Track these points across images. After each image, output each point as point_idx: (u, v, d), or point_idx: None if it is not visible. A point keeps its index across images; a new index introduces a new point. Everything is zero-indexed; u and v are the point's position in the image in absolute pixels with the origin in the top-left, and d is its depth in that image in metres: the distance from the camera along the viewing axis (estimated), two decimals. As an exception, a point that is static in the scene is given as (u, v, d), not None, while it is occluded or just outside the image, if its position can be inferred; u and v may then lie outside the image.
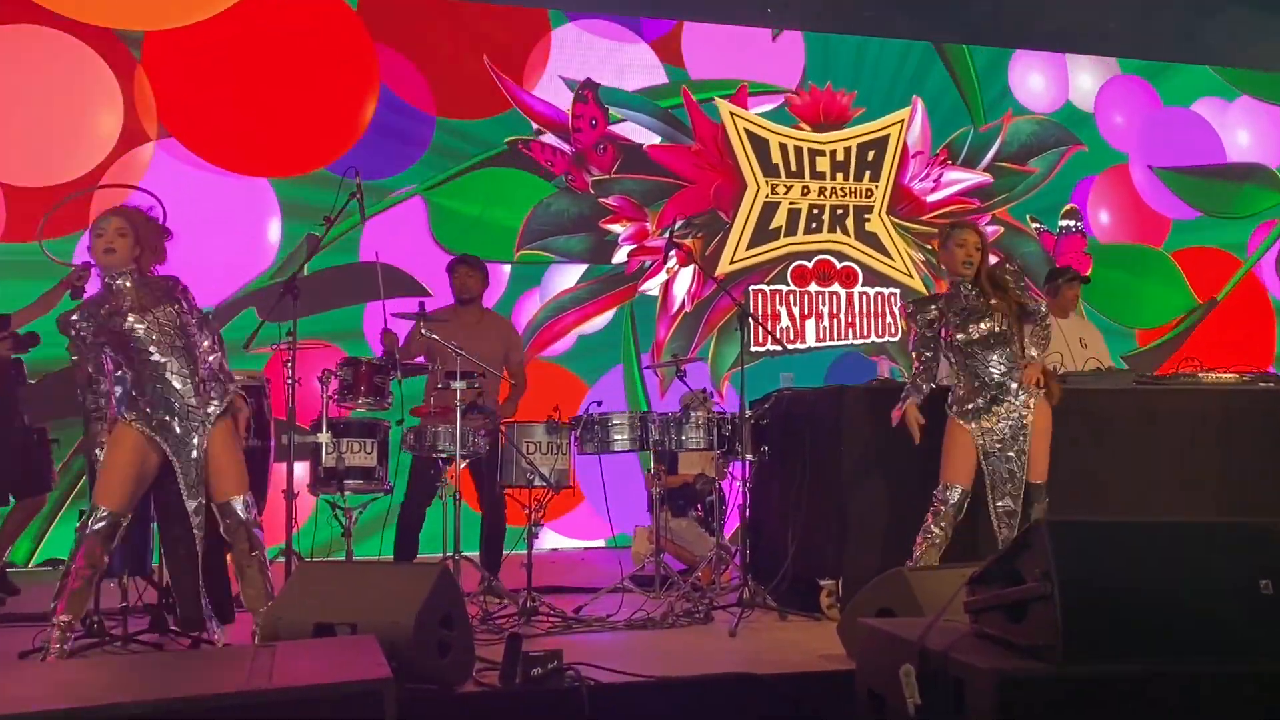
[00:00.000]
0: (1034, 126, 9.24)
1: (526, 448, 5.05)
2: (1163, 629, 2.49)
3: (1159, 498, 5.01)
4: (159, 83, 7.26)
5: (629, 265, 8.22)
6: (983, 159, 9.12)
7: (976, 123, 9.15)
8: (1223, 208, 9.60)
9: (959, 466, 4.39)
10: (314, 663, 2.80)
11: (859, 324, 8.67)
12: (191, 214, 6.07)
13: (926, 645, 2.62)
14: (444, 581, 3.53)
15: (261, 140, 7.43)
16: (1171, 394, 5.28)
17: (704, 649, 4.18)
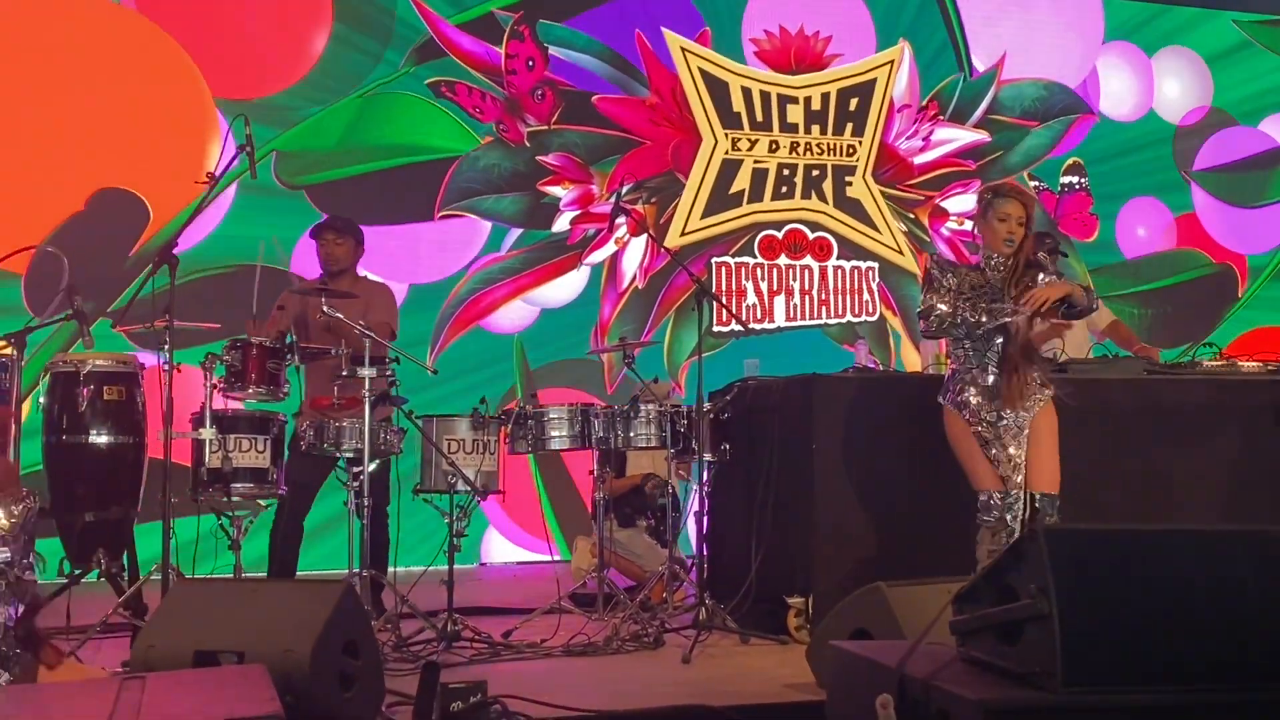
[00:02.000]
0: (1040, 90, 9.31)
1: (448, 446, 5.00)
2: (1177, 652, 2.50)
3: (1171, 501, 5.08)
4: None
5: (572, 234, 8.17)
6: (974, 113, 9.15)
7: (968, 70, 9.18)
8: (1254, 197, 9.75)
9: (980, 468, 4.38)
10: (192, 697, 2.75)
11: (833, 301, 8.67)
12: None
13: (907, 672, 2.62)
14: (348, 602, 3.47)
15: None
16: (1186, 384, 5.35)
17: (653, 678, 4.17)
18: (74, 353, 5.12)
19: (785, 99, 8.76)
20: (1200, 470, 5.22)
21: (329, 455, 4.92)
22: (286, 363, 4.79)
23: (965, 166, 9.07)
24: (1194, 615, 2.51)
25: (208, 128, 7.34)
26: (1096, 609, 2.49)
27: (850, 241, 8.78)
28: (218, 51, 7.47)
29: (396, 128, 7.85)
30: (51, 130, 7.15)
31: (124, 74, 7.29)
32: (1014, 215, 4.43)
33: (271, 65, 7.61)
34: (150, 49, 7.34)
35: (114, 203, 7.24)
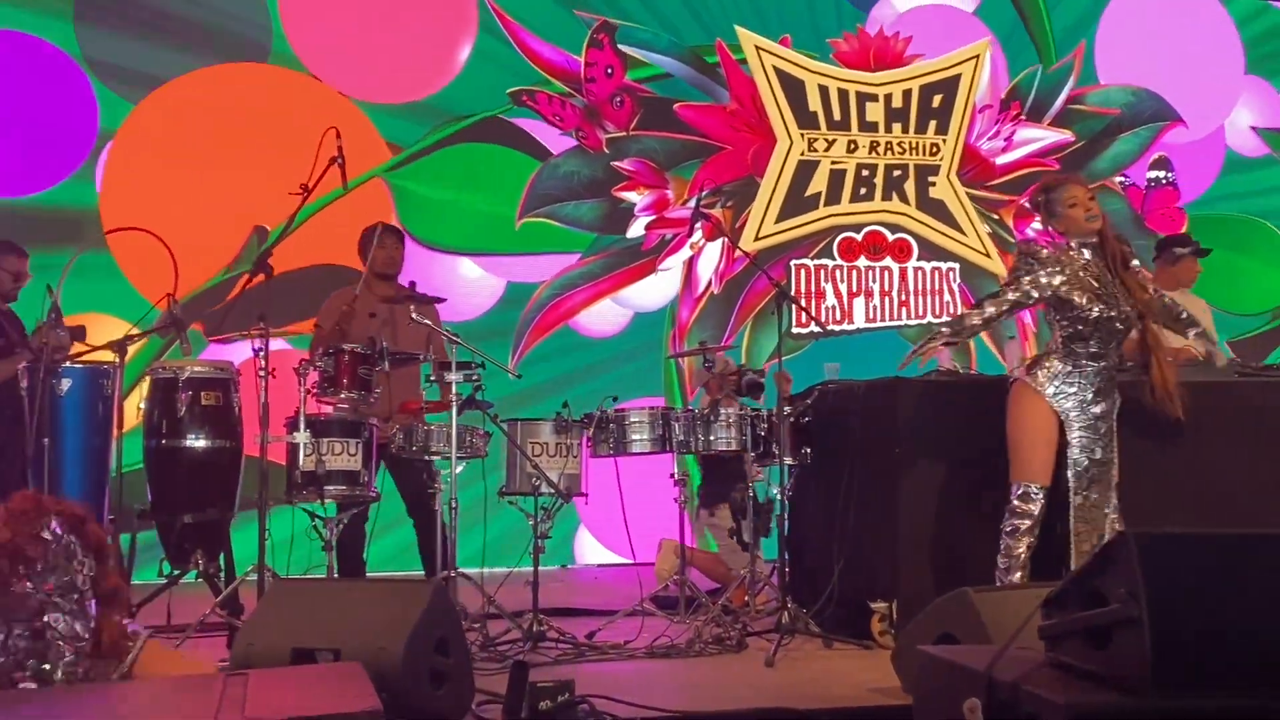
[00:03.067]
0: (1128, 96, 9.17)
1: (532, 449, 5.07)
2: (1268, 657, 2.48)
3: (1264, 506, 4.99)
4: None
5: (647, 239, 8.22)
6: (1053, 104, 8.99)
7: (1046, 62, 9.05)
8: None
9: (1036, 459, 4.33)
10: (292, 694, 2.82)
11: (914, 303, 8.62)
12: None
13: (995, 676, 2.62)
14: (439, 602, 3.55)
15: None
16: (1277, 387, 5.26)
17: (736, 680, 4.20)
18: (172, 359, 5.28)
19: (864, 97, 8.67)
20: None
21: (417, 458, 5.03)
22: (377, 368, 4.89)
23: (1049, 166, 8.93)
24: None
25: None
26: (1187, 613, 2.47)
27: (931, 244, 8.70)
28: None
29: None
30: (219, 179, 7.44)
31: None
32: (1081, 196, 4.37)
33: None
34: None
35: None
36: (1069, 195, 4.37)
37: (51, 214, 7.22)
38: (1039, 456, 4.33)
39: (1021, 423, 4.37)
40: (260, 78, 7.63)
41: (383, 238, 5.61)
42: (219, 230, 7.45)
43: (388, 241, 5.62)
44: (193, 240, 7.20)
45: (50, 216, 7.20)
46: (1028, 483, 4.33)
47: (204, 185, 7.44)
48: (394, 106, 7.80)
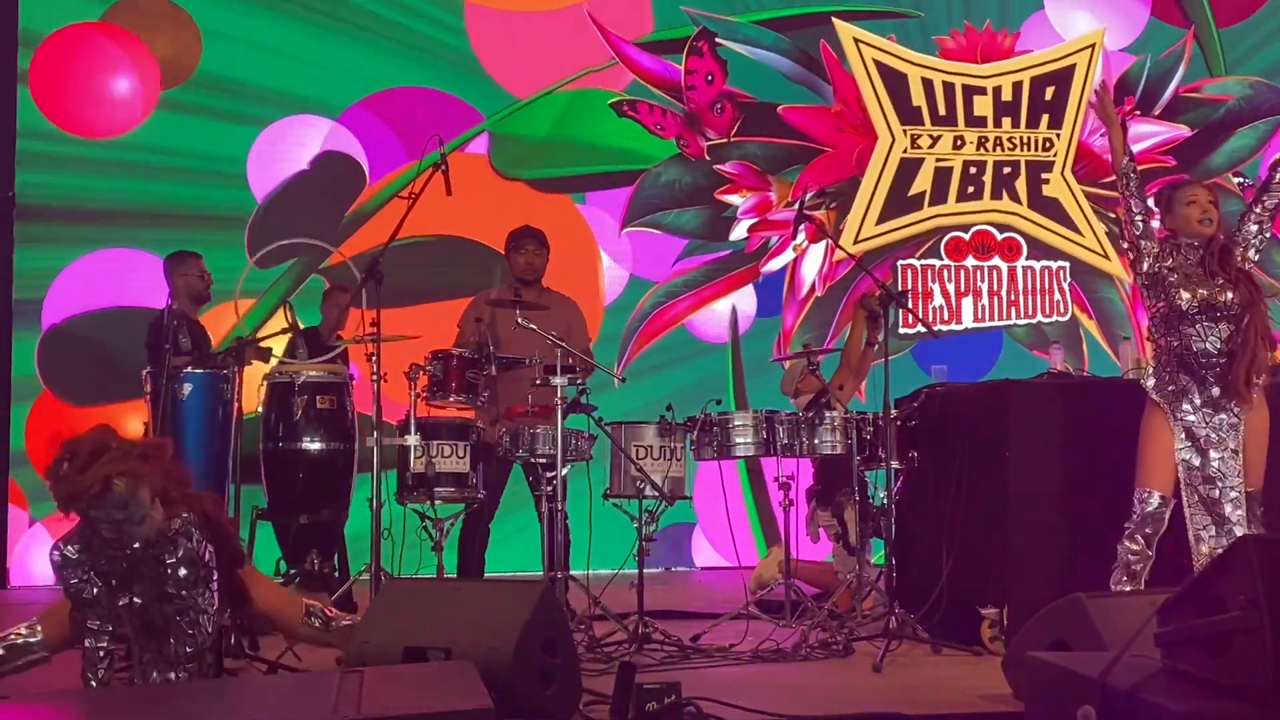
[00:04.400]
0: (1245, 89, 8.89)
1: (636, 452, 5.11)
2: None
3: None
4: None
5: (749, 242, 8.22)
6: (1164, 92, 8.76)
7: (1155, 49, 8.82)
8: None
9: (1155, 467, 4.29)
10: (405, 691, 2.90)
11: (1022, 302, 8.47)
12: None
13: (1110, 683, 2.59)
14: (547, 602, 3.61)
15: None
16: None
17: (843, 685, 4.18)
18: (289, 363, 5.44)
19: (971, 90, 8.45)
20: None
21: (524, 461, 5.10)
22: (484, 373, 4.98)
23: (1165, 163, 8.66)
24: None
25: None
26: (1311, 622, 2.42)
27: (1043, 244, 8.52)
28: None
29: (599, 127, 8.06)
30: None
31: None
32: (1202, 197, 4.35)
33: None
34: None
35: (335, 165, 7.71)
36: (1189, 194, 4.38)
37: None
38: (1145, 462, 4.31)
39: (1144, 430, 4.36)
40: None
41: (522, 242, 5.69)
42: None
43: (528, 246, 5.69)
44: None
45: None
46: (1142, 487, 4.30)
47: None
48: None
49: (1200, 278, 4.30)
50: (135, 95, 7.44)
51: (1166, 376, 4.33)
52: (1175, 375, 4.31)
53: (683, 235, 8.15)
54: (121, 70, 7.45)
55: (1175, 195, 4.41)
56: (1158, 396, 4.32)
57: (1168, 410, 4.30)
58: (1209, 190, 4.40)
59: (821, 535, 6.14)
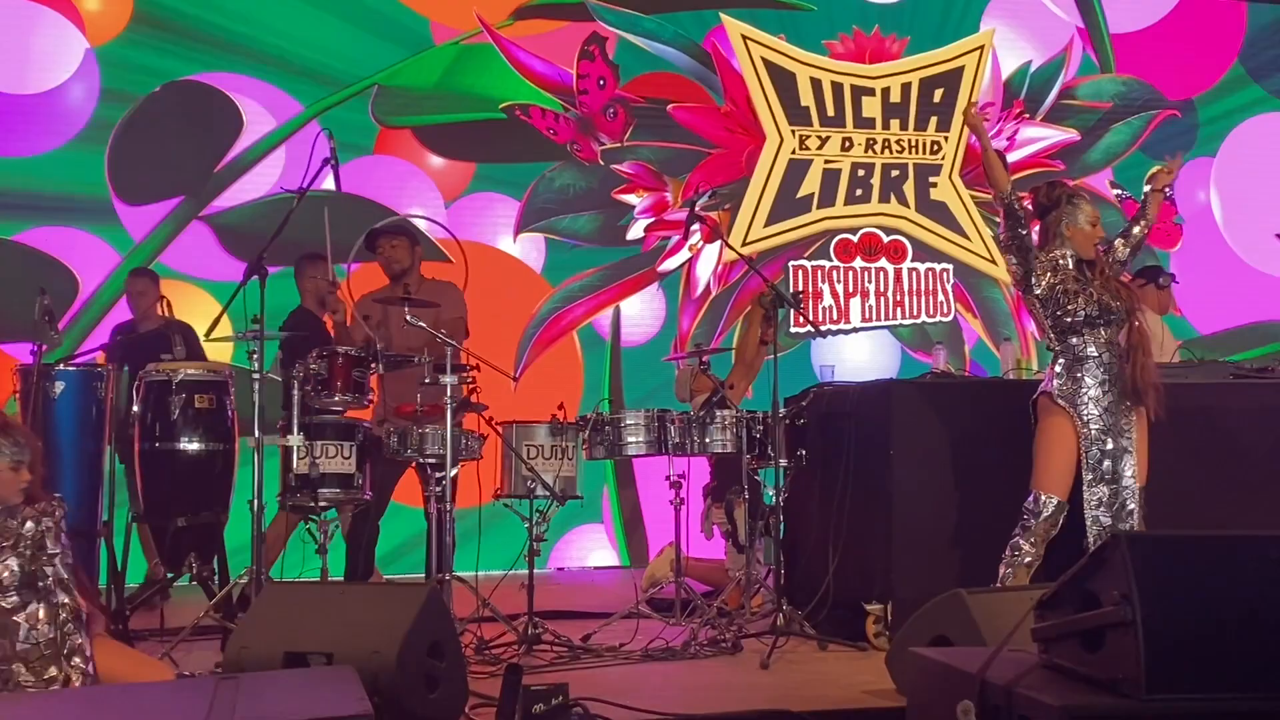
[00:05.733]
0: (1118, 86, 9.14)
1: (527, 452, 5.07)
2: (1262, 660, 2.48)
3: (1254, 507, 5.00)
4: None
5: (646, 241, 8.21)
6: (1045, 101, 8.92)
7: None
8: None
9: (1055, 471, 4.36)
10: (283, 697, 2.83)
11: (908, 303, 8.58)
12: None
13: (988, 678, 2.63)
14: (433, 605, 3.56)
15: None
16: (1274, 389, 5.26)
17: (731, 682, 4.20)
18: (166, 361, 5.28)
19: (860, 91, 8.48)
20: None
21: (411, 461, 5.02)
22: (371, 371, 4.89)
23: (1055, 167, 8.85)
24: (1277, 621, 2.49)
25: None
26: (1180, 615, 2.48)
27: (931, 248, 8.64)
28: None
29: (491, 79, 7.98)
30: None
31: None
32: (1099, 219, 4.48)
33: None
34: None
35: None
36: (1093, 215, 4.48)
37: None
38: (1045, 467, 4.39)
39: (1039, 441, 4.43)
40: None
41: (378, 241, 5.61)
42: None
43: (382, 244, 5.61)
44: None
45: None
46: (1051, 494, 4.36)
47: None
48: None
49: (1086, 286, 4.41)
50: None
51: (1067, 380, 4.42)
52: (1075, 379, 4.40)
53: (578, 239, 8.11)
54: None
55: (1079, 207, 4.48)
56: (1061, 401, 4.40)
57: (1072, 413, 4.39)
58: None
59: (715, 532, 6.17)
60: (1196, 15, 9.25)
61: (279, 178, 7.26)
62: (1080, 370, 4.41)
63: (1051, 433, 4.41)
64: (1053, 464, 4.39)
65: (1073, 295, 4.40)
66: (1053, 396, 4.42)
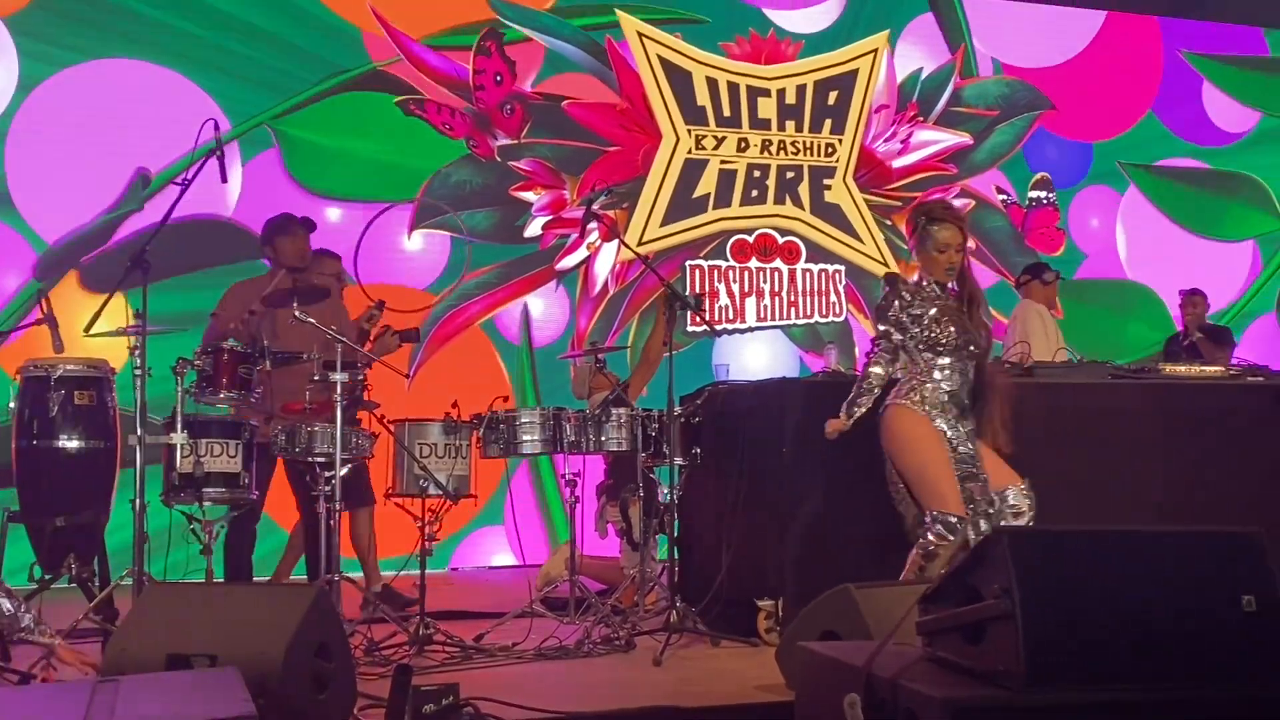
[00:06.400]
0: (1002, 87, 9.37)
1: (420, 450, 5.01)
2: (1136, 652, 2.55)
3: (1135, 504, 5.16)
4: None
5: (543, 239, 8.19)
6: (935, 107, 9.11)
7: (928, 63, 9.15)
8: (1210, 228, 9.82)
9: (945, 482, 4.27)
10: (165, 699, 2.76)
11: (801, 303, 8.69)
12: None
13: (874, 672, 2.67)
14: (320, 606, 3.50)
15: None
16: (1150, 389, 5.44)
17: (624, 680, 4.21)
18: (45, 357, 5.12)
19: (756, 91, 8.55)
20: (1159, 472, 5.30)
21: (299, 460, 4.94)
22: (258, 367, 4.80)
23: (947, 170, 9.04)
24: (1151, 614, 2.57)
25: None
26: (1058, 609, 2.54)
27: (824, 249, 8.75)
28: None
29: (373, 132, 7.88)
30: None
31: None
32: (953, 244, 4.40)
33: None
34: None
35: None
36: (943, 239, 4.39)
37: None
38: (950, 485, 4.28)
39: (918, 449, 4.34)
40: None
41: (295, 228, 5.50)
42: (99, 169, 7.26)
43: (300, 233, 5.51)
44: (71, 177, 7.12)
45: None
46: (950, 512, 4.23)
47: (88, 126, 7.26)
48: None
49: (952, 318, 4.39)
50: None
51: (925, 404, 4.38)
52: (940, 402, 4.37)
53: (475, 237, 8.05)
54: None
55: (929, 232, 4.41)
56: (920, 409, 4.35)
57: (935, 426, 4.35)
58: (960, 231, 4.44)
59: (610, 530, 6.17)
60: (1115, 50, 9.59)
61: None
62: (932, 400, 4.35)
63: (920, 442, 4.33)
64: (936, 476, 4.29)
65: (931, 325, 4.36)
66: (914, 408, 4.35)
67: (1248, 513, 5.13)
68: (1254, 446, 5.43)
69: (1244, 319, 9.78)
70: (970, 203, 9.02)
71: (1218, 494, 5.29)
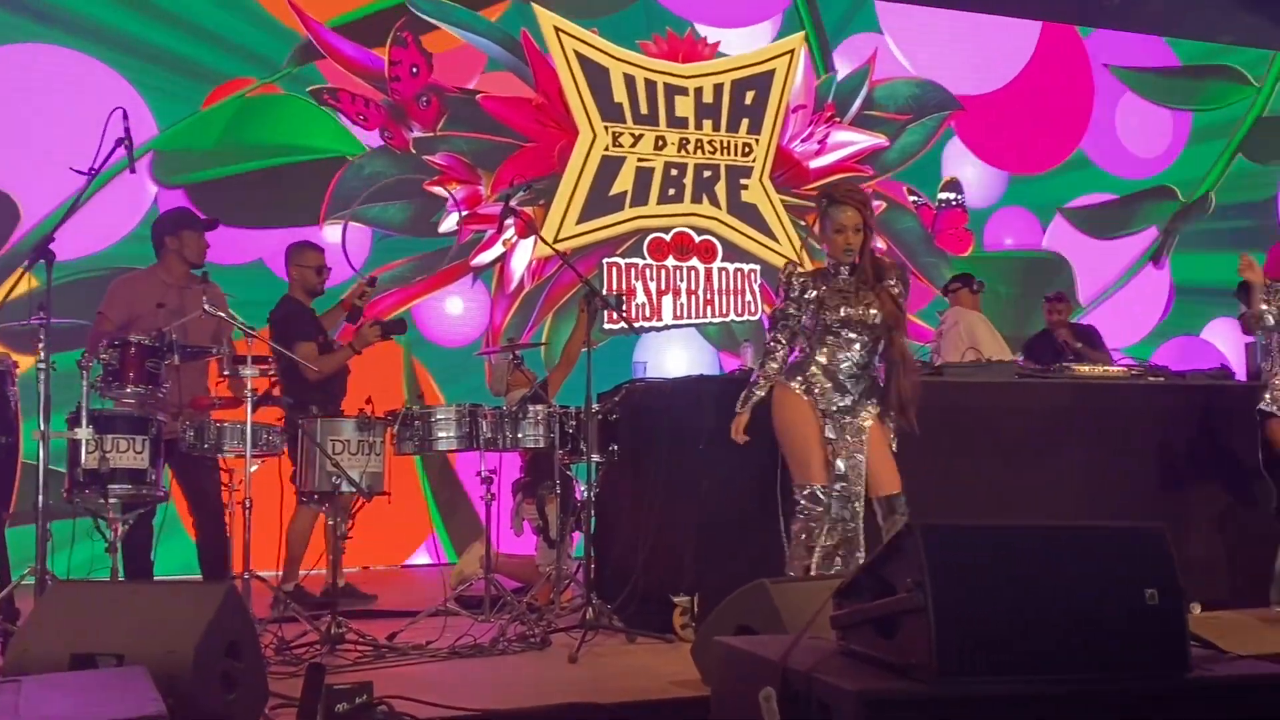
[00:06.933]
0: (913, 88, 9.53)
1: (333, 447, 4.96)
2: (1044, 644, 2.61)
3: (1037, 499, 5.29)
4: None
5: (460, 235, 8.14)
6: (849, 110, 9.22)
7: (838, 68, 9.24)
8: (1119, 229, 10.13)
9: (815, 458, 4.45)
10: (70, 699, 2.71)
11: (717, 302, 8.75)
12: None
13: (789, 665, 2.69)
14: (230, 604, 3.45)
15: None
16: (1054, 388, 5.57)
17: (540, 677, 4.21)
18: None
19: (673, 89, 8.57)
20: (1066, 469, 5.44)
21: (208, 456, 4.86)
22: (166, 362, 4.70)
23: (863, 172, 9.16)
24: (1060, 608, 2.63)
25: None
26: (969, 602, 2.58)
27: (740, 249, 8.81)
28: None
29: (278, 130, 7.75)
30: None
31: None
32: (849, 225, 4.49)
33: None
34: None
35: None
36: (839, 220, 4.51)
37: None
38: (816, 458, 4.47)
39: (791, 426, 4.52)
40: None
41: (197, 224, 5.42)
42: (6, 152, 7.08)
43: (202, 228, 5.43)
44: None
45: None
46: (811, 483, 4.46)
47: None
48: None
49: (847, 295, 4.50)
50: None
51: (811, 380, 4.51)
52: (818, 379, 4.50)
53: (389, 229, 7.97)
54: None
55: (829, 214, 4.53)
56: (799, 389, 4.49)
57: (810, 403, 4.48)
58: (859, 212, 4.52)
59: (525, 528, 6.16)
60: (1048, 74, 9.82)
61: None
62: (822, 376, 4.49)
63: (795, 420, 4.50)
64: (806, 450, 4.48)
65: (823, 306, 4.48)
66: (793, 387, 4.50)
67: (1151, 507, 5.30)
68: (1157, 443, 5.60)
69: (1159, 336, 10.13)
70: (881, 204, 9.13)
71: (1123, 490, 5.45)
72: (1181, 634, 2.65)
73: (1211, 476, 5.66)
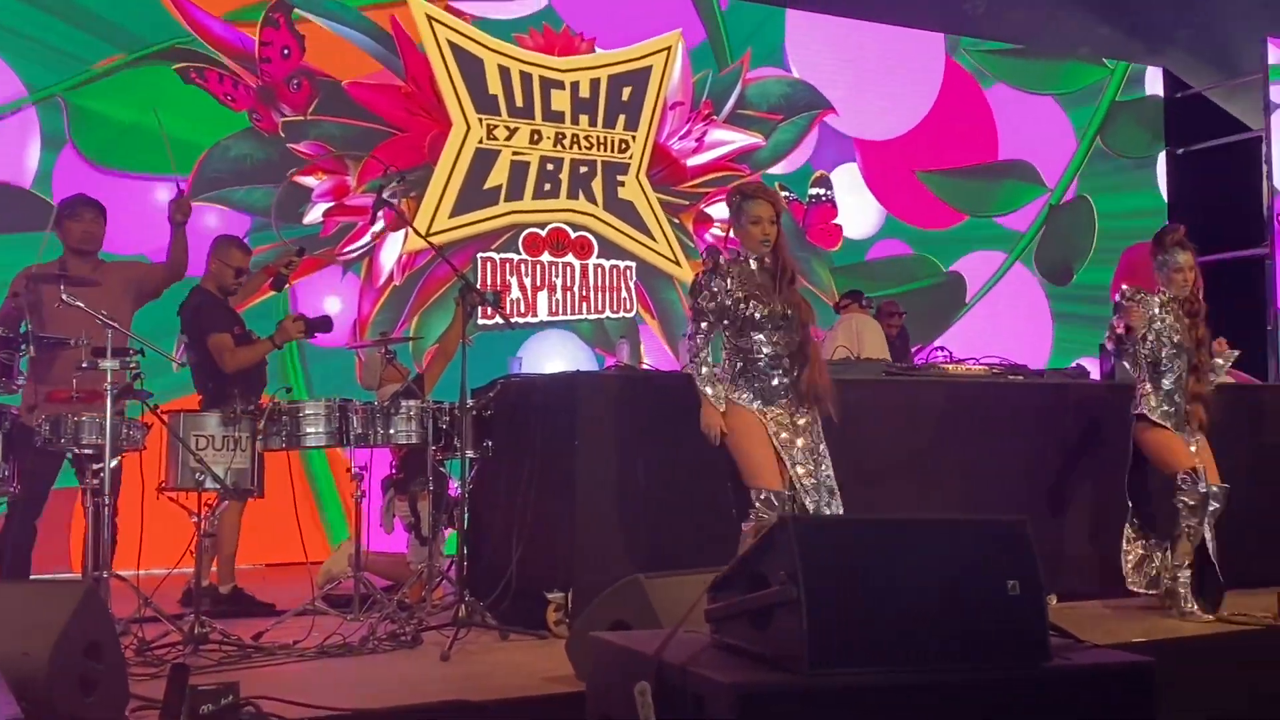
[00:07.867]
0: (784, 87, 9.69)
1: (197, 443, 4.84)
2: (912, 634, 2.69)
3: (904, 493, 5.44)
4: None
5: (325, 226, 8.01)
6: (724, 108, 9.34)
7: (720, 64, 9.39)
8: (985, 208, 10.46)
9: (765, 463, 4.43)
10: (-86, 706, 2.60)
11: (593, 298, 8.78)
12: None
13: (664, 659, 2.72)
14: (90, 604, 3.37)
15: None
16: (920, 385, 5.73)
17: (411, 676, 4.17)
18: None
19: (550, 83, 8.55)
20: (939, 465, 5.60)
21: (65, 451, 4.70)
22: (20, 354, 4.54)
23: (740, 171, 9.26)
24: (927, 599, 2.72)
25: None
26: (840, 594, 2.65)
27: (616, 245, 8.85)
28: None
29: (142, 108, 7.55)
30: None
31: None
32: (765, 216, 4.55)
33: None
34: None
35: None
36: (755, 212, 4.55)
37: None
38: (768, 464, 4.43)
39: (736, 436, 4.47)
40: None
41: (80, 210, 5.24)
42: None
43: (85, 215, 5.25)
44: None
45: None
46: (765, 488, 4.38)
47: None
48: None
49: (766, 291, 4.54)
50: None
51: (740, 379, 4.55)
52: (746, 376, 4.54)
53: (253, 214, 7.80)
54: None
55: (743, 208, 4.58)
56: (736, 397, 4.51)
57: (748, 407, 4.51)
58: (773, 207, 4.59)
59: (396, 525, 6.10)
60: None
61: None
62: (747, 370, 4.54)
63: (742, 427, 4.47)
64: (756, 457, 4.44)
65: (743, 302, 4.51)
66: (732, 398, 4.51)
67: (1012, 500, 5.49)
68: (1018, 438, 5.79)
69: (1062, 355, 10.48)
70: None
71: (986, 484, 5.62)
72: (1042, 624, 2.76)
73: (1085, 472, 5.86)
